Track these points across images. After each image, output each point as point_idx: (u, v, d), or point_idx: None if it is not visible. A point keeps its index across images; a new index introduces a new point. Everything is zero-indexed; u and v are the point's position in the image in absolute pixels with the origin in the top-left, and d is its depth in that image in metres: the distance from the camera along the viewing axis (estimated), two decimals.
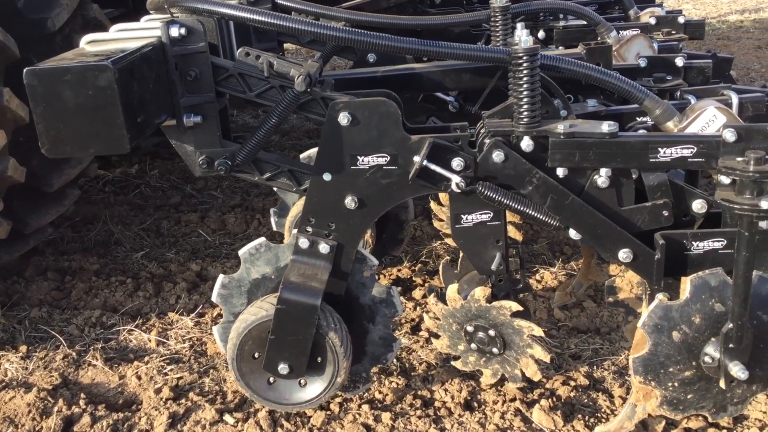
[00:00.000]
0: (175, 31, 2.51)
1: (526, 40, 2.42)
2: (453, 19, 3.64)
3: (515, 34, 2.46)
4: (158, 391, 3.18)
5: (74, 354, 3.48)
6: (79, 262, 4.40)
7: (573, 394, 3.11)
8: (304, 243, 2.71)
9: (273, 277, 2.81)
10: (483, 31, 4.20)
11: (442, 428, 2.93)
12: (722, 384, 2.49)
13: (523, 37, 2.43)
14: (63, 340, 3.58)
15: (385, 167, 2.58)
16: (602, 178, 2.50)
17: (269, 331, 2.68)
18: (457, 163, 2.54)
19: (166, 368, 3.36)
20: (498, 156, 2.50)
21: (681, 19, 4.22)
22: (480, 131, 2.64)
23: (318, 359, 2.73)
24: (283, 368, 2.71)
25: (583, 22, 3.99)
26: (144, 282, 4.17)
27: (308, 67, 2.56)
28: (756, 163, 2.23)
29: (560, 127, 2.45)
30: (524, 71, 2.43)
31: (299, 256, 2.72)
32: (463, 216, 2.72)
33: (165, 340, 3.62)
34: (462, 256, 3.08)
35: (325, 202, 2.66)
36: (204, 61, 2.60)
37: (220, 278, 2.85)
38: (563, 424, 2.92)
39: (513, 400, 3.07)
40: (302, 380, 2.79)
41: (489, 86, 3.01)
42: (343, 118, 2.51)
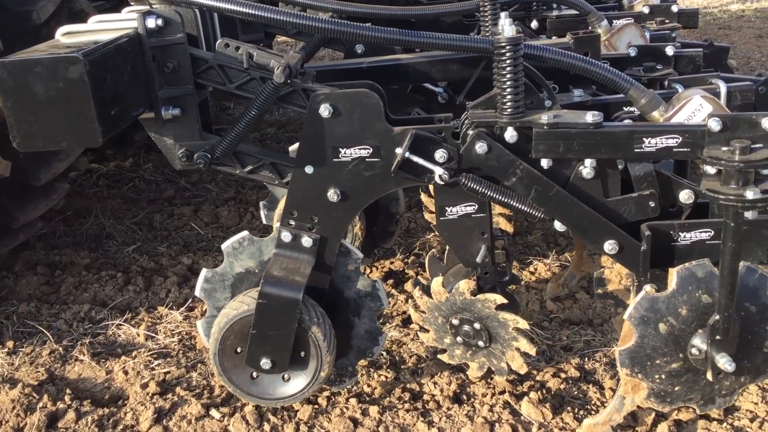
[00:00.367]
0: (151, 22, 2.48)
1: (509, 30, 2.38)
2: (442, 9, 3.59)
3: (499, 24, 2.43)
4: (145, 386, 3.16)
5: (61, 349, 3.46)
6: (69, 257, 4.38)
7: (563, 386, 3.09)
8: (287, 236, 2.68)
9: (257, 271, 2.79)
10: (476, 21, 4.16)
11: (429, 422, 2.90)
12: (709, 376, 2.46)
13: (506, 26, 2.40)
14: (50, 336, 3.55)
15: (367, 159, 2.55)
16: (587, 169, 2.46)
17: (251, 325, 2.66)
18: (440, 154, 2.51)
19: (153, 363, 3.34)
20: (481, 147, 2.47)
21: (674, 8, 4.19)
22: (464, 122, 2.60)
23: (301, 354, 2.70)
24: (265, 363, 2.68)
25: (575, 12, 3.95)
26: (134, 276, 4.14)
27: (288, 58, 2.53)
28: (741, 153, 2.20)
29: (544, 117, 2.41)
30: (507, 61, 2.40)
31: (282, 249, 2.69)
32: (447, 208, 2.69)
33: (154, 335, 3.60)
34: (449, 248, 3.05)
35: (307, 195, 2.63)
36: (182, 53, 2.56)
37: (203, 272, 2.82)
38: (552, 417, 2.89)
39: (502, 392, 3.04)
40: (285, 375, 2.76)
41: (473, 77, 2.97)
42: (324, 110, 2.48)
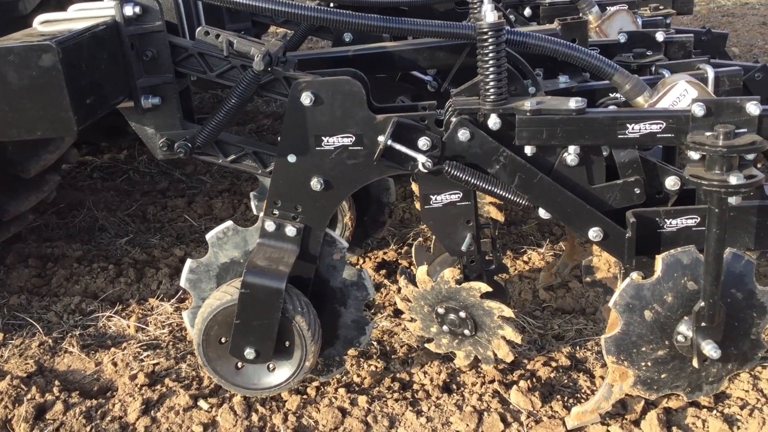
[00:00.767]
0: (129, 10, 2.46)
1: (490, 15, 2.36)
2: None
3: (481, 9, 2.40)
4: (133, 377, 3.15)
5: (51, 341, 3.45)
6: (61, 249, 4.37)
7: (553, 375, 3.07)
8: (270, 226, 2.67)
9: (241, 261, 2.77)
10: (468, 9, 4.12)
11: (418, 411, 2.89)
12: (695, 363, 2.45)
13: (488, 12, 2.37)
14: (40, 328, 3.54)
15: (350, 148, 2.53)
16: (571, 155, 2.44)
17: (235, 315, 2.64)
18: (423, 142, 2.49)
19: (142, 354, 3.33)
20: (464, 134, 2.44)
21: None
22: (448, 109, 2.58)
23: (286, 343, 2.69)
24: (249, 353, 2.67)
25: None
26: (126, 268, 4.13)
27: (269, 46, 2.50)
28: (725, 138, 2.18)
29: (527, 104, 2.39)
30: (489, 47, 2.37)
31: (265, 239, 2.68)
32: (432, 196, 2.67)
33: (144, 327, 3.59)
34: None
35: (290, 184, 2.62)
36: (161, 41, 2.54)
37: (188, 263, 2.81)
38: (541, 405, 2.88)
39: (492, 381, 3.03)
40: (270, 365, 2.75)
41: (457, 64, 2.95)
42: (306, 98, 2.46)
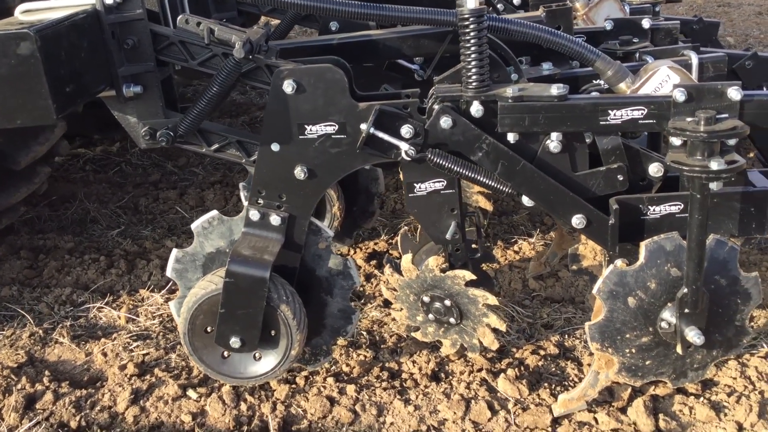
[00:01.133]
0: None
1: (471, 1, 2.35)
2: None
3: None
4: (123, 367, 3.16)
5: (41, 332, 3.46)
6: (53, 241, 4.37)
7: (541, 363, 3.08)
8: (255, 215, 2.67)
9: (227, 250, 2.77)
10: None
11: (406, 399, 2.90)
12: (679, 350, 2.45)
13: None
14: (31, 319, 3.55)
15: (333, 136, 2.53)
16: (554, 142, 2.44)
17: (220, 304, 2.65)
18: (406, 130, 2.49)
19: (132, 345, 3.34)
20: (446, 122, 2.44)
21: None
22: (431, 97, 2.58)
23: (271, 332, 2.69)
24: (234, 342, 2.68)
25: None
26: (117, 259, 4.13)
27: (251, 33, 2.50)
28: (706, 123, 2.18)
29: (509, 91, 2.39)
30: (471, 33, 2.37)
31: (250, 228, 2.68)
32: (416, 184, 2.67)
33: (135, 317, 3.60)
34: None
35: (274, 173, 2.62)
36: (142, 29, 2.54)
37: (174, 253, 2.81)
38: (528, 393, 2.89)
39: (480, 370, 3.04)
40: (256, 353, 2.76)
41: (440, 51, 2.94)
42: (288, 86, 2.46)
